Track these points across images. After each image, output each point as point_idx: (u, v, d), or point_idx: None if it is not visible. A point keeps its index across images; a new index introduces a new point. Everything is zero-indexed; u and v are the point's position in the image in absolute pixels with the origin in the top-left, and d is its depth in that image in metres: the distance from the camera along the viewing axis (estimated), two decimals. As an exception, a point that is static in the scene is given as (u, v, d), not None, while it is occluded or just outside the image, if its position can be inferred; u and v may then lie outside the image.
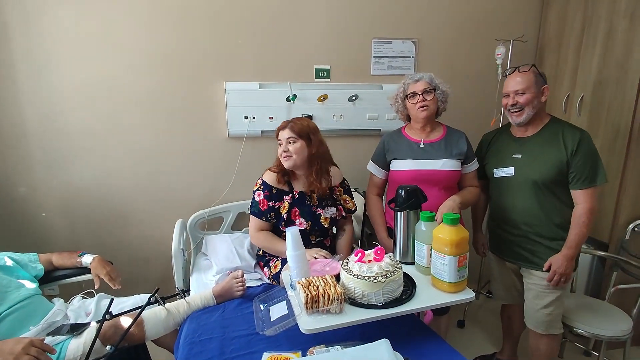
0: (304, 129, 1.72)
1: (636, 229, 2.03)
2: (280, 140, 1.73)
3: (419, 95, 1.71)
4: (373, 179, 1.90)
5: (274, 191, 1.76)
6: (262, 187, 1.76)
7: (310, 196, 1.79)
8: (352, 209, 1.90)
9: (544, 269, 1.65)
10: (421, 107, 1.71)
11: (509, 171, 1.70)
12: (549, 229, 1.66)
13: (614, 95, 2.02)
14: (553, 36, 2.43)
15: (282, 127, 1.74)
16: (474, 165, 1.82)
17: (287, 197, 1.76)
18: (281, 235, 1.78)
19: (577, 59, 2.23)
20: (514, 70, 1.65)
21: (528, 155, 1.67)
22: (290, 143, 1.70)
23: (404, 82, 1.78)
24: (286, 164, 1.72)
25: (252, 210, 1.78)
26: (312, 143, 1.73)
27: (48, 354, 1.19)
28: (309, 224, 1.76)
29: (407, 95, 1.75)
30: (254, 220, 1.79)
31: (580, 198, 1.59)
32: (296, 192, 1.77)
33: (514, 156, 1.70)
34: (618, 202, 2.01)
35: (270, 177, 1.77)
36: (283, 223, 1.74)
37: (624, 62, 1.95)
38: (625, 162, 1.97)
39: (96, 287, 1.66)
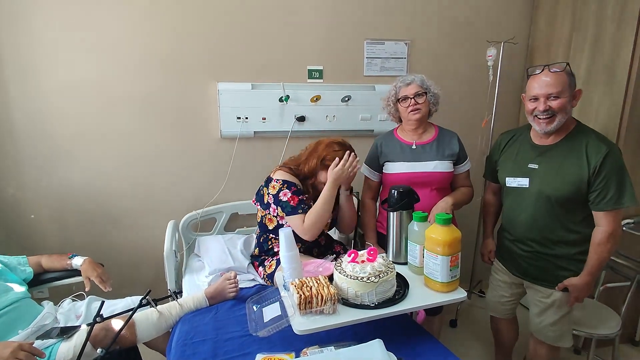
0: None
1: (624, 228, 2.06)
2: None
3: (411, 98, 1.72)
4: (367, 182, 1.91)
5: (299, 186, 1.71)
6: (285, 185, 1.67)
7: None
8: None
9: (557, 288, 1.55)
10: (413, 110, 1.72)
11: (522, 182, 1.54)
12: (560, 248, 1.52)
13: (602, 96, 2.05)
14: (543, 38, 2.46)
15: (348, 147, 1.74)
16: (466, 166, 1.83)
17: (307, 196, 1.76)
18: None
19: (566, 61, 2.26)
20: (543, 69, 1.43)
21: (545, 167, 1.49)
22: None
23: (396, 85, 1.78)
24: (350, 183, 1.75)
25: (287, 212, 1.65)
26: None
27: (37, 358, 1.18)
28: None
29: (398, 99, 1.76)
30: (295, 219, 1.64)
31: (603, 220, 1.42)
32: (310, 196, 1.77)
33: (530, 166, 1.53)
34: (606, 202, 2.04)
35: (289, 177, 1.71)
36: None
37: (611, 64, 1.98)
38: (613, 163, 2.00)
39: (87, 289, 1.64)
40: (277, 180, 1.70)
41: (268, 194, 1.72)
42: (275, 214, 1.72)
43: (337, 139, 1.77)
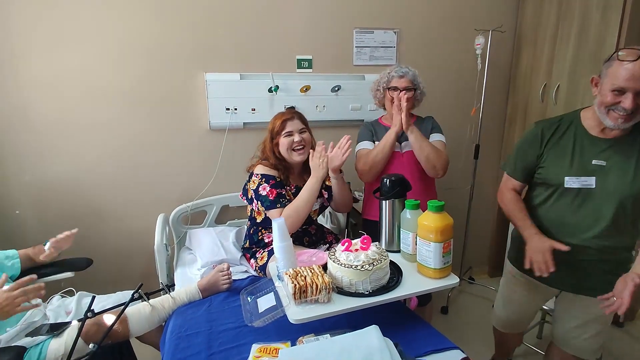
0: (306, 120, 1.73)
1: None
2: (290, 131, 1.66)
3: (400, 91, 1.74)
4: (361, 153, 1.86)
5: (278, 179, 1.70)
6: (263, 179, 1.67)
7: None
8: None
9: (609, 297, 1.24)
10: (397, 105, 1.70)
11: (588, 182, 1.28)
12: (618, 254, 1.32)
13: (588, 84, 2.06)
14: (530, 27, 2.47)
15: (289, 117, 1.68)
16: (438, 137, 1.82)
17: (288, 187, 1.74)
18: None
19: (552, 50, 2.29)
20: (638, 57, 1.11)
21: (617, 163, 1.25)
22: (302, 133, 1.67)
23: (390, 72, 1.79)
24: (300, 158, 1.68)
25: (266, 206, 1.65)
26: (311, 135, 1.74)
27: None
28: None
29: (389, 87, 1.78)
30: (274, 213, 1.64)
31: None
32: (293, 185, 1.76)
33: (595, 162, 1.27)
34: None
35: (268, 170, 1.70)
36: None
37: (596, 52, 2.01)
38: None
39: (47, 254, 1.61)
40: (257, 174, 1.70)
41: (250, 188, 1.72)
42: (257, 208, 1.72)
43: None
